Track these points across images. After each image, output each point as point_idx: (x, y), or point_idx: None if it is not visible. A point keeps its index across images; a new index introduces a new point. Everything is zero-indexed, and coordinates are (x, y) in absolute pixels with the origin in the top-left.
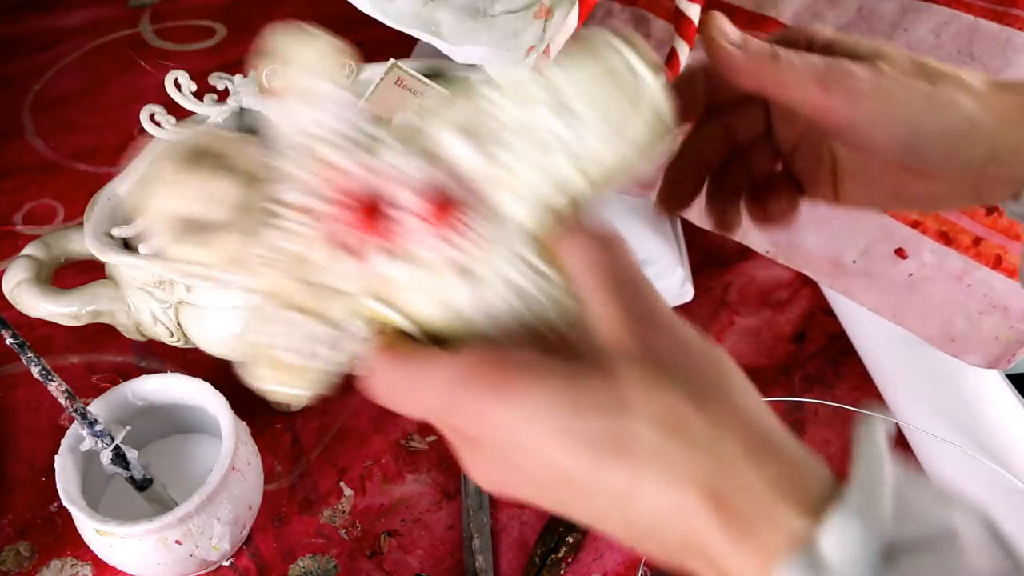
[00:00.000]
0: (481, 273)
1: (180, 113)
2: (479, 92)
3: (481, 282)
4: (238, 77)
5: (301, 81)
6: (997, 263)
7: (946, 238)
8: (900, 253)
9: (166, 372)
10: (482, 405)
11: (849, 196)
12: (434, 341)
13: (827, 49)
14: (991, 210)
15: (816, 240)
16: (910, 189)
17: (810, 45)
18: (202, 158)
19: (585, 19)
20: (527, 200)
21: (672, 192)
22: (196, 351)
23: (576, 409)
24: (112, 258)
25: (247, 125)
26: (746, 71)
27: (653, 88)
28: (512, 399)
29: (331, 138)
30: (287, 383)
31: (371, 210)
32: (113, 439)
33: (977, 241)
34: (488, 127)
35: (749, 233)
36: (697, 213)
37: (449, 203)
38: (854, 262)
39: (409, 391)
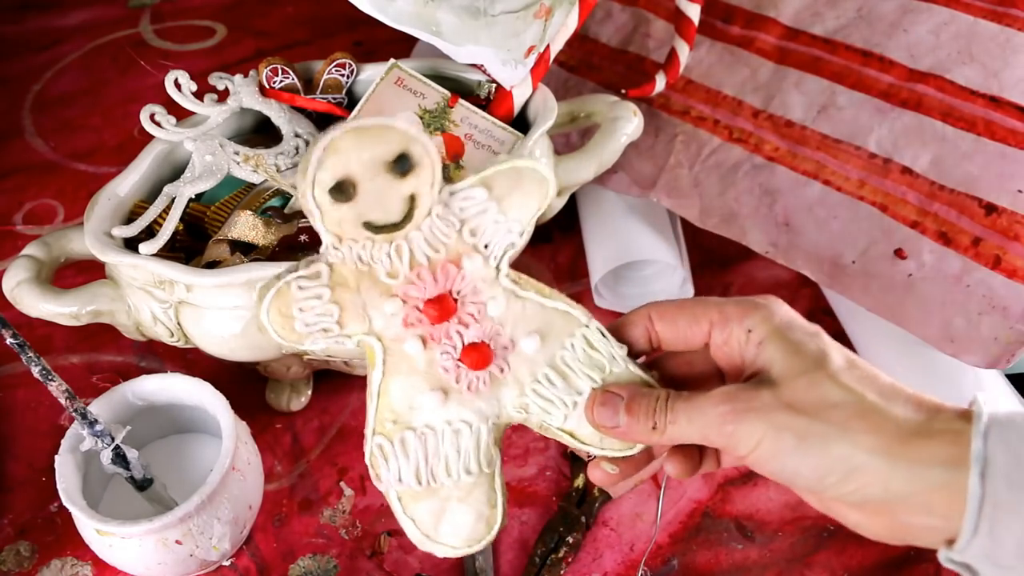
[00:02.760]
0: (450, 402)
1: (180, 113)
2: (584, 326)
3: (443, 407)
4: (238, 77)
5: (502, 214)
6: (996, 263)
7: (945, 238)
8: (899, 253)
9: (166, 372)
10: None
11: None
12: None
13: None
14: (991, 210)
15: (816, 240)
16: (829, 512)
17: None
18: (405, 160)
19: (585, 19)
20: (517, 407)
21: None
22: (196, 351)
23: None
24: (112, 258)
25: (246, 125)
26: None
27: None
28: None
29: (480, 245)
30: (281, 332)
31: (445, 312)
32: (113, 439)
33: (976, 241)
34: (555, 350)
35: (749, 233)
36: (697, 213)
37: (489, 359)
38: (853, 262)
39: None
